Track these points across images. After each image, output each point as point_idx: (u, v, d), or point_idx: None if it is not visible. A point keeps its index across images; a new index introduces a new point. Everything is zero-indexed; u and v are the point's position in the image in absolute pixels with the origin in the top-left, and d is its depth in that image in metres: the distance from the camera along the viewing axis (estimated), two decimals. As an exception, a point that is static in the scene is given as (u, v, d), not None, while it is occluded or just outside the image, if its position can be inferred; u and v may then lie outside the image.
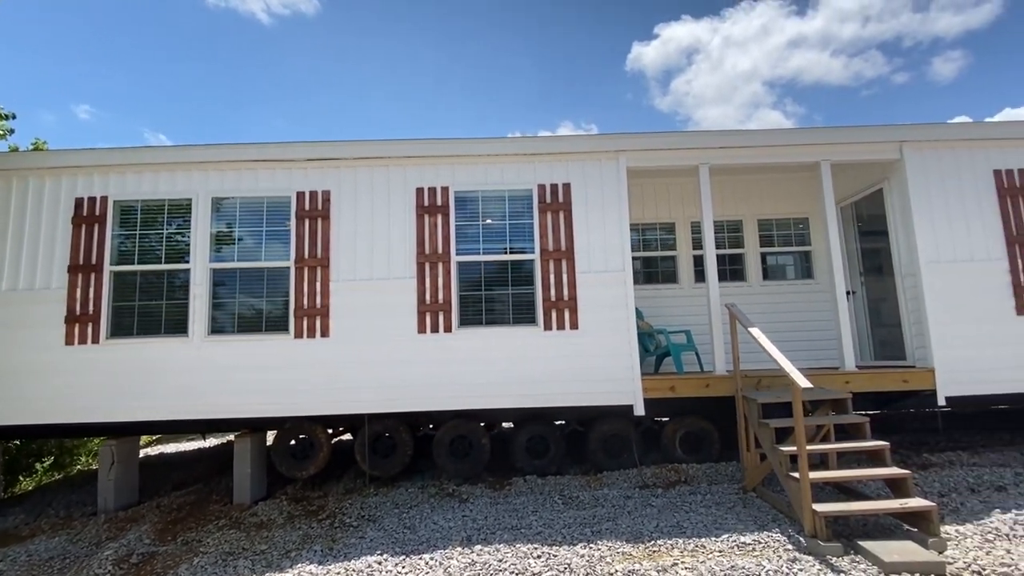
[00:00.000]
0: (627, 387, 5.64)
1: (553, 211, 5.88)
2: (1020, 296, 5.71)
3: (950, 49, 72.29)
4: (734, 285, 7.42)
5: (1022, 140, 5.93)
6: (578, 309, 5.72)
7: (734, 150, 5.96)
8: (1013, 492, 5.01)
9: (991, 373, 5.65)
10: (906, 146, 5.92)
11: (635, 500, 5.30)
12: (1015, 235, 5.79)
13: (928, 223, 5.81)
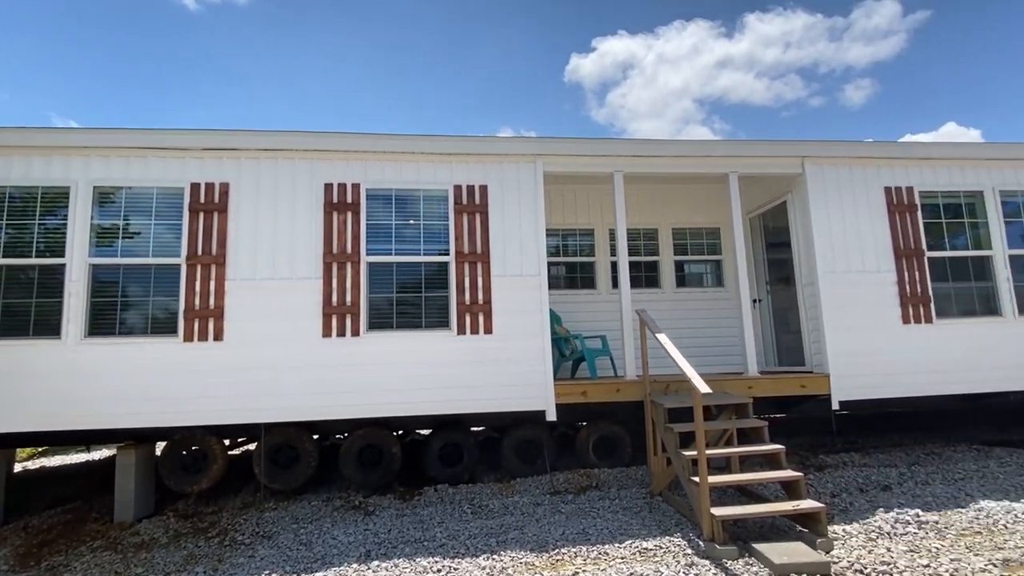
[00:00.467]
0: (540, 393, 5.57)
1: (469, 213, 5.74)
2: (906, 306, 6.10)
3: (860, 77, 78.41)
4: (649, 292, 7.55)
5: (909, 159, 6.36)
6: (493, 313, 5.60)
7: (647, 159, 6.05)
8: (897, 491, 5.29)
9: (880, 378, 5.99)
10: (807, 161, 6.22)
11: (545, 507, 5.23)
12: (903, 249, 6.19)
13: (826, 235, 6.11)
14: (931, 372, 6.10)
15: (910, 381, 6.07)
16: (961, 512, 4.68)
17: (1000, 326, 6.26)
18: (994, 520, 4.47)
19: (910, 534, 4.31)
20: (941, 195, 6.40)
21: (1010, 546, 4.00)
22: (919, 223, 6.25)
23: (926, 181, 6.37)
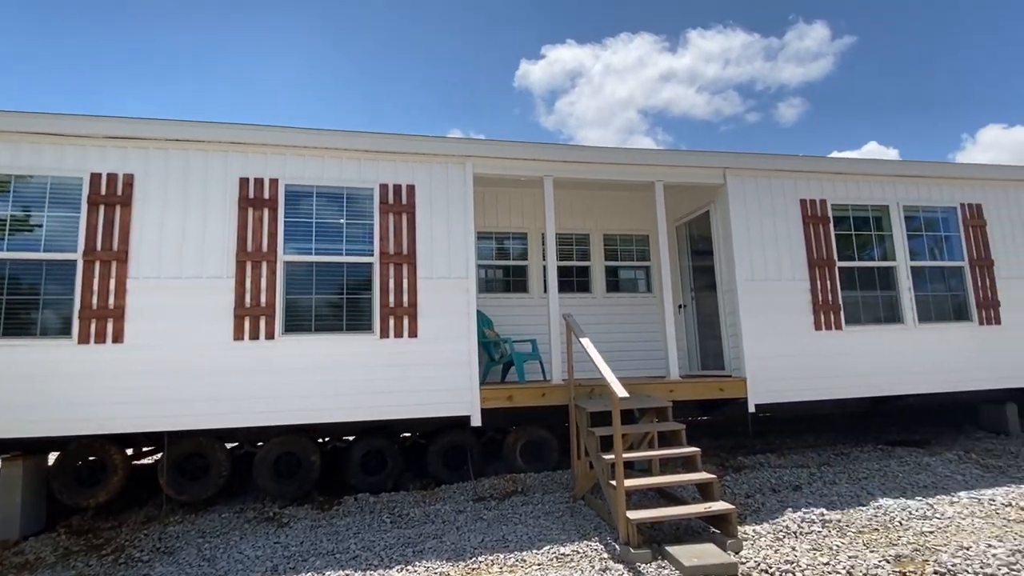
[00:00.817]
0: (465, 398, 5.48)
1: (396, 213, 5.60)
2: (818, 313, 6.40)
3: (792, 96, 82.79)
4: (580, 296, 7.62)
5: (822, 173, 6.68)
6: (418, 316, 5.48)
7: (577, 164, 6.09)
8: (807, 491, 5.51)
9: (794, 382, 6.25)
10: (728, 172, 6.43)
11: (467, 514, 5.14)
12: (816, 259, 6.49)
13: (745, 244, 6.33)
14: (840, 376, 6.42)
15: (821, 385, 6.36)
16: (862, 510, 4.91)
17: (902, 333, 6.66)
18: (891, 517, 4.71)
19: (814, 533, 4.48)
20: (851, 208, 6.76)
21: (903, 542, 4.22)
22: (831, 234, 6.58)
23: (838, 195, 6.71)
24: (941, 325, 6.76)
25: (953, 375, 6.78)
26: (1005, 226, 7.13)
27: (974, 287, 6.88)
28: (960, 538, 4.22)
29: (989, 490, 5.26)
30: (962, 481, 5.58)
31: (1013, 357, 6.94)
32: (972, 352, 6.82)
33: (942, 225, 7.03)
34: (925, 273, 6.86)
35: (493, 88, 73.34)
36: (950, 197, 7.03)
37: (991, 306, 6.89)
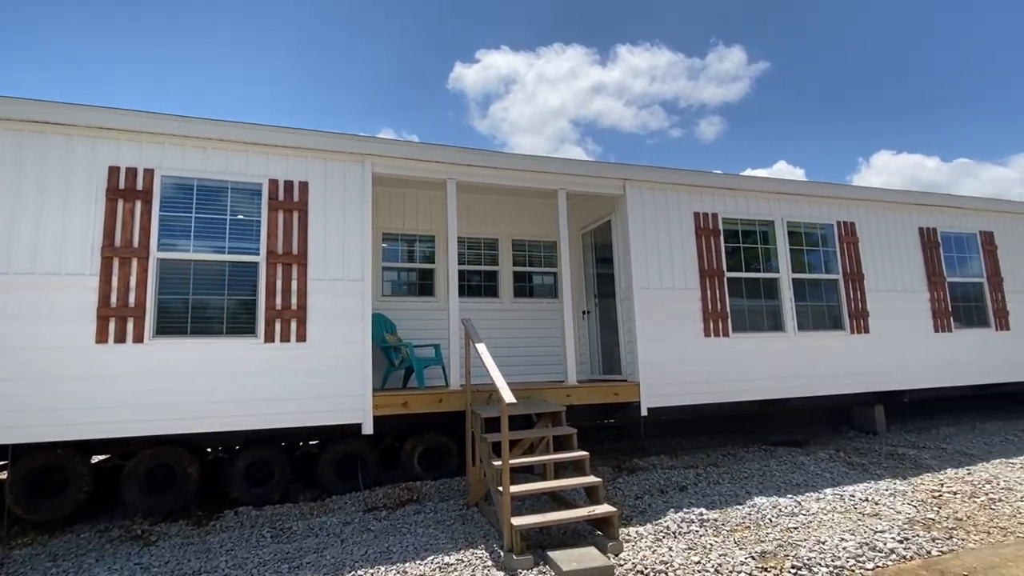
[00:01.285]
0: (357, 405, 5.29)
1: (286, 210, 5.34)
2: (707, 321, 6.72)
3: (712, 115, 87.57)
4: (488, 301, 7.61)
5: (715, 188, 7.04)
6: (307, 320, 5.24)
7: (480, 169, 6.07)
8: (692, 491, 5.74)
9: (684, 387, 6.51)
10: (628, 183, 6.63)
11: (354, 526, 4.96)
12: (707, 269, 6.81)
13: (642, 253, 6.55)
14: (728, 381, 6.76)
15: (710, 389, 6.67)
16: (738, 509, 5.16)
17: (784, 341, 7.11)
18: (762, 515, 4.98)
19: (692, 532, 4.66)
20: (740, 222, 7.16)
21: (770, 539, 4.47)
22: (721, 246, 6.93)
23: (728, 209, 7.09)
24: (818, 333, 7.28)
25: (829, 380, 7.32)
26: (874, 243, 7.80)
27: (847, 299, 7.47)
28: (820, 533, 4.53)
29: (851, 486, 5.70)
30: (830, 479, 6.01)
31: (880, 363, 7.59)
32: (845, 359, 7.40)
33: (821, 240, 7.59)
34: (805, 285, 7.37)
35: (426, 89, 72.47)
36: (828, 215, 7.61)
37: (861, 316, 7.51)
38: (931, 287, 8.05)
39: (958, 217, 8.55)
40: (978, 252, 8.59)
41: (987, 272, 8.56)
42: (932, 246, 8.20)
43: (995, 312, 8.48)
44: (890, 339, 7.62)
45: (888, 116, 63.67)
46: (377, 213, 7.24)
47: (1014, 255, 8.84)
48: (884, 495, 5.42)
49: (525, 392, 5.83)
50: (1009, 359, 8.48)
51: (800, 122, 62.40)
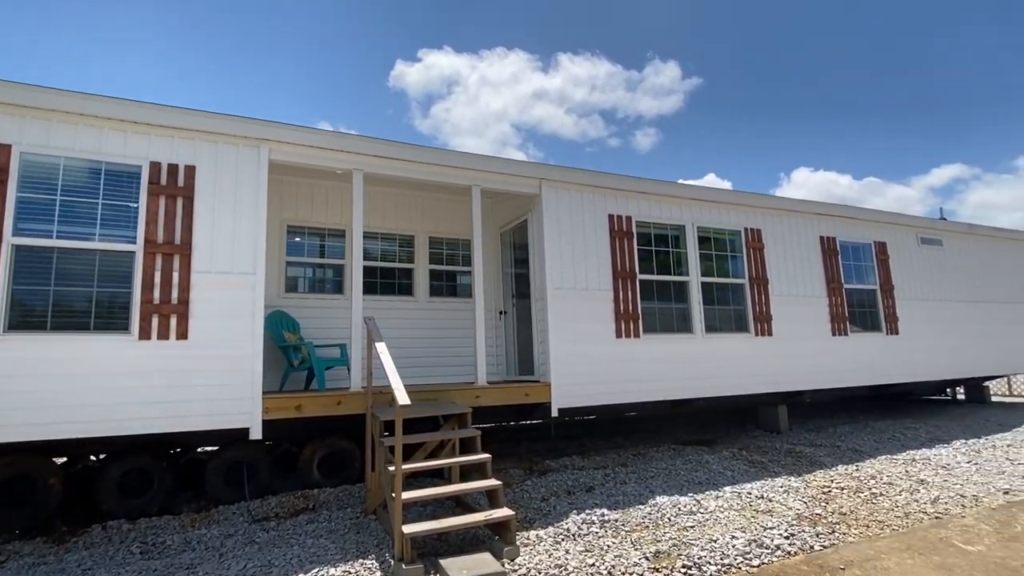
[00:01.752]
0: (244, 408, 4.92)
1: (170, 196, 4.90)
2: (619, 322, 6.76)
3: (648, 126, 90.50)
4: (402, 299, 7.36)
5: (629, 192, 7.11)
6: (190, 316, 4.82)
7: (390, 161, 5.83)
8: (598, 492, 5.72)
9: (596, 387, 6.52)
10: (544, 183, 6.58)
11: (237, 538, 4.60)
12: (619, 270, 6.86)
13: (556, 253, 6.51)
14: (639, 381, 6.83)
15: (621, 390, 6.72)
16: (640, 509, 5.18)
17: (692, 342, 7.27)
18: (662, 514, 5.01)
19: (592, 534, 4.61)
20: (653, 226, 7.27)
21: (666, 538, 4.48)
22: (634, 248, 7.01)
23: (642, 212, 7.18)
24: (724, 335, 7.51)
25: (735, 381, 7.55)
26: (779, 249, 8.14)
27: (752, 302, 7.75)
28: (714, 531, 4.59)
29: (749, 484, 5.86)
30: (731, 477, 6.17)
31: (782, 365, 7.91)
32: (750, 360, 7.66)
33: (729, 246, 7.84)
34: (713, 288, 7.58)
35: (367, 85, 70.85)
36: (736, 221, 7.87)
37: (766, 319, 7.81)
38: (830, 293, 8.49)
39: (855, 227, 9.08)
40: (872, 261, 9.16)
41: (880, 280, 9.13)
42: (832, 254, 8.66)
43: (886, 317, 9.06)
44: (792, 342, 7.97)
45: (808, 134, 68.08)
46: (282, 204, 6.87)
47: (904, 264, 9.49)
48: (779, 492, 5.60)
49: (432, 394, 5.64)
50: (898, 361, 9.07)
51: (729, 137, 65.70)
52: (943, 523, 4.69)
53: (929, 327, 9.49)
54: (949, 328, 9.76)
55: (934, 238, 10.00)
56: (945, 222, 10.51)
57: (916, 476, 6.08)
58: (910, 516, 4.86)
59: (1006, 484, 5.71)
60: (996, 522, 4.67)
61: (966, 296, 10.16)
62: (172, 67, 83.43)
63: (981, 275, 10.47)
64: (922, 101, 56.56)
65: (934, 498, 5.30)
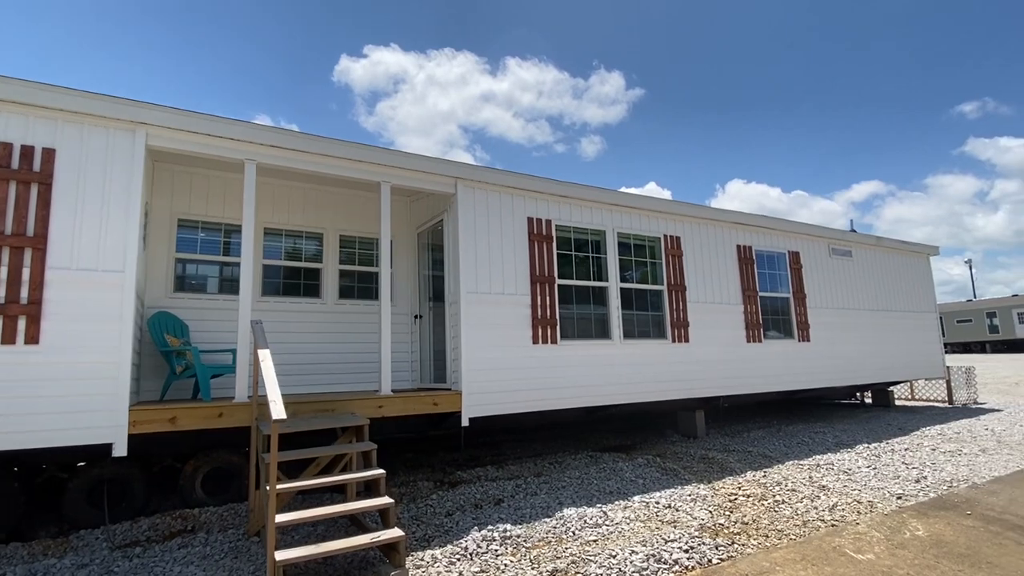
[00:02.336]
0: (106, 420, 4.39)
1: (22, 182, 4.32)
2: (536, 328, 6.59)
3: (593, 134, 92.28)
4: (308, 302, 6.90)
5: (550, 195, 6.97)
6: (43, 317, 4.26)
7: (287, 152, 5.41)
8: (507, 504, 5.50)
9: (511, 395, 6.31)
10: (460, 182, 6.33)
11: (92, 568, 4.08)
12: (538, 275, 6.70)
13: (472, 255, 6.27)
14: (556, 388, 6.68)
15: (539, 397, 6.54)
16: (546, 522, 4.99)
17: (610, 348, 7.20)
18: (567, 528, 4.85)
19: (491, 552, 4.38)
20: (573, 230, 7.16)
21: (566, 554, 4.31)
22: (554, 253, 6.87)
23: (563, 216, 7.06)
24: (642, 342, 7.49)
25: (653, 387, 7.54)
26: (697, 257, 8.23)
27: (670, 309, 7.78)
28: (616, 545, 4.45)
29: (659, 492, 5.80)
30: (642, 485, 6.10)
31: (699, 371, 7.98)
32: (667, 366, 7.68)
33: (649, 252, 7.84)
34: (632, 295, 7.55)
35: (310, 79, 68.61)
36: (657, 228, 7.89)
37: (683, 326, 7.86)
38: (746, 300, 8.67)
39: (771, 237, 9.33)
40: (786, 270, 9.44)
41: (793, 288, 9.42)
42: (748, 262, 8.85)
43: (798, 325, 9.35)
44: (708, 348, 8.06)
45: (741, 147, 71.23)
46: (174, 197, 6.30)
47: (816, 274, 9.84)
48: (686, 501, 5.56)
49: (329, 404, 5.27)
50: (810, 368, 9.38)
51: (669, 147, 67.94)
52: (838, 531, 4.75)
53: (838, 334, 9.89)
54: (857, 336, 10.20)
55: (844, 249, 10.44)
56: (855, 234, 11.02)
57: (819, 482, 6.20)
58: (808, 524, 4.90)
59: (900, 489, 5.90)
60: (887, 529, 4.77)
61: (873, 305, 10.67)
62: (98, 59, 77.98)
63: (886, 285, 11.04)
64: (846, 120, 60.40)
65: (832, 505, 5.40)
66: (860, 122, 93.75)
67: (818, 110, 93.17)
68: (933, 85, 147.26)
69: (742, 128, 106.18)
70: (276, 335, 6.49)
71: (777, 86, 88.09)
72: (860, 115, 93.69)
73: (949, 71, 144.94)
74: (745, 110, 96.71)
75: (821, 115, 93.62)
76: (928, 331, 11.70)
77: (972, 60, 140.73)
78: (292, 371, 6.46)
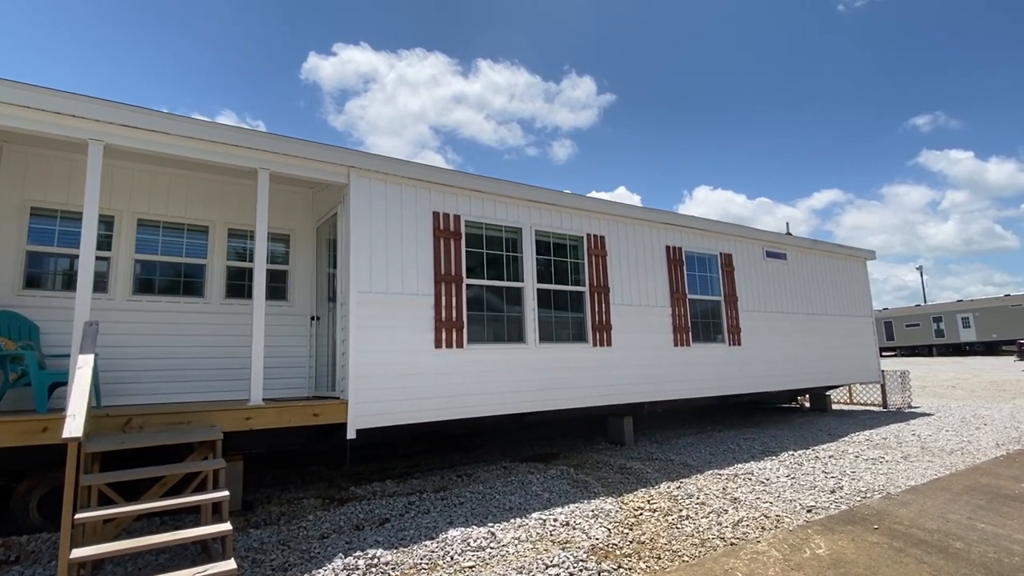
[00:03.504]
0: None
1: None
2: (440, 331, 6.13)
3: (565, 138, 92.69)
4: (188, 301, 6.27)
5: (459, 188, 6.52)
6: None
7: (143, 132, 4.81)
8: (391, 525, 5.01)
9: (408, 404, 5.83)
10: (354, 172, 5.83)
11: None
12: (443, 274, 6.24)
13: (366, 252, 5.77)
14: (462, 396, 6.22)
15: (443, 405, 6.08)
16: (426, 545, 4.53)
17: (525, 353, 6.79)
18: (446, 552, 4.39)
19: (349, 583, 3.90)
20: (486, 227, 6.72)
21: (435, 584, 3.86)
22: (462, 250, 6.41)
23: (474, 212, 6.62)
24: (561, 345, 7.10)
25: (572, 393, 7.15)
26: (622, 257, 7.90)
27: (592, 311, 7.42)
28: (491, 572, 4.02)
29: (561, 508, 5.39)
30: (547, 499, 5.69)
31: (622, 376, 7.64)
32: (588, 371, 7.30)
33: (571, 252, 7.46)
34: (551, 296, 7.16)
35: (278, 75, 66.86)
36: (579, 227, 7.52)
37: (605, 329, 7.50)
38: (674, 303, 8.38)
39: (703, 239, 9.08)
40: (718, 272, 9.20)
41: (725, 291, 9.19)
42: (677, 264, 8.57)
43: (729, 329, 9.12)
44: (632, 351, 7.73)
45: (708, 154, 72.50)
46: (26, 182, 5.62)
47: (749, 277, 9.64)
48: (587, 517, 5.17)
49: (185, 416, 4.69)
50: (742, 372, 9.15)
51: (639, 153, 68.54)
52: (736, 550, 4.42)
53: (772, 338, 9.71)
54: (792, 340, 10.05)
55: (779, 252, 10.30)
56: (791, 237, 10.91)
57: (732, 494, 5.90)
58: (706, 544, 4.56)
59: (812, 500, 5.63)
60: (787, 547, 4.46)
61: (808, 309, 10.55)
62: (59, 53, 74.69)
63: (823, 289, 10.95)
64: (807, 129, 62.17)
65: (738, 520, 5.08)
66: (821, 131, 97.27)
67: (779, 117, 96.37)
68: (889, 97, 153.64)
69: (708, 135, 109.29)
70: (147, 337, 5.87)
71: (741, 91, 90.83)
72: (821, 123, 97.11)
73: (905, 82, 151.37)
74: (712, 115, 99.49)
75: (782, 122, 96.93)
76: (864, 335, 11.68)
77: (928, 74, 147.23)
78: (165, 378, 5.85)
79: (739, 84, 63.98)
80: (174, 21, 58.11)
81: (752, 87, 67.64)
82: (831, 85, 62.13)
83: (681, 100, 68.41)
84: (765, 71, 63.03)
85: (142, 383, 5.76)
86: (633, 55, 59.52)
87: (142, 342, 5.82)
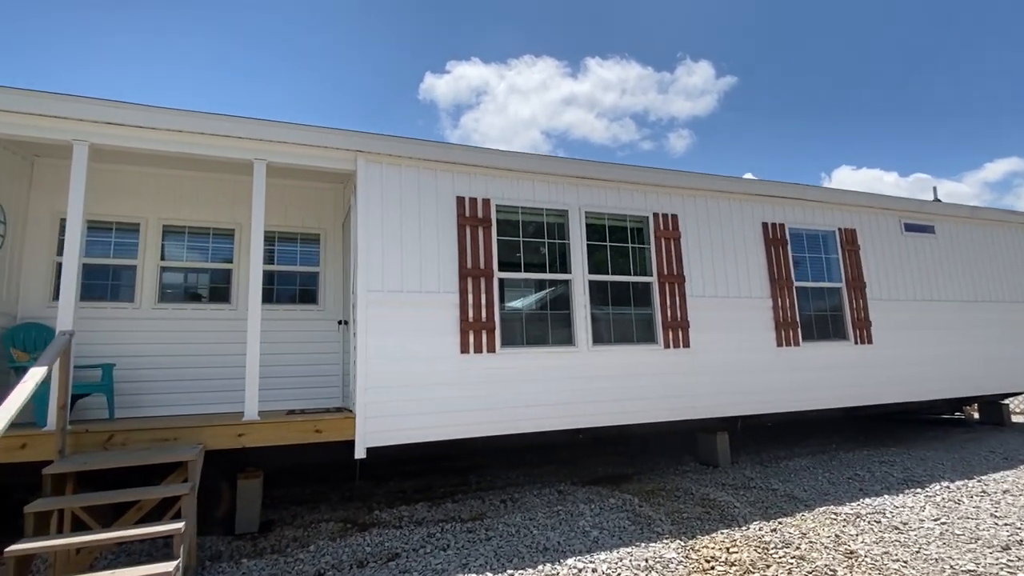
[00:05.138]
0: None
1: None
2: (465, 333, 5.28)
3: (682, 128, 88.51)
4: (214, 307, 6.02)
5: (482, 167, 5.63)
6: None
7: (125, 128, 4.51)
8: (399, 564, 4.25)
9: (429, 418, 5.07)
10: (361, 156, 5.18)
11: None
12: (471, 267, 5.40)
13: (378, 246, 5.09)
14: (496, 409, 5.35)
15: (471, 420, 5.25)
16: (421, 597, 3.70)
17: (575, 357, 5.73)
18: (439, 609, 3.53)
19: (308, 646, 3.18)
20: (522, 211, 5.77)
21: (407, 657, 3.01)
22: (492, 240, 5.53)
23: (507, 195, 5.70)
24: (621, 348, 5.94)
25: (638, 405, 5.97)
26: (701, 239, 6.52)
27: (662, 306, 6.15)
28: (481, 647, 3.09)
29: (605, 553, 4.30)
30: (593, 539, 4.61)
31: (705, 384, 6.30)
32: (660, 379, 6.07)
33: (632, 236, 6.25)
34: (608, 289, 6.02)
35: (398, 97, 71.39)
36: (643, 205, 6.30)
37: (680, 327, 6.20)
38: (775, 293, 6.80)
39: (813, 211, 7.35)
40: (837, 252, 7.41)
41: (847, 276, 7.37)
42: (778, 244, 6.96)
43: (855, 323, 7.29)
44: (717, 354, 6.33)
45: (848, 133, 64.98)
46: (55, 193, 5.65)
47: (881, 256, 7.70)
48: (637, 569, 4.03)
49: (172, 432, 4.29)
50: (872, 378, 7.28)
51: (766, 136, 63.21)
52: (837, 642, 3.07)
53: (915, 334, 7.67)
54: (943, 335, 7.90)
55: (923, 224, 8.16)
56: (939, 204, 8.63)
57: (848, 544, 4.40)
58: (792, 626, 3.25)
59: (972, 563, 3.99)
60: (921, 643, 3.03)
61: (967, 295, 8.27)
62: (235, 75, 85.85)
63: (989, 269, 8.55)
64: (969, 96, 53.25)
65: (848, 589, 3.66)
66: (989, 93, 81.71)
67: (940, 85, 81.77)
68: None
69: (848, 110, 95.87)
70: (171, 346, 5.68)
71: (883, 61, 78.25)
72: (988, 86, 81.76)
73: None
74: (848, 90, 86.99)
75: (936, 91, 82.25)
76: (1054, 327, 8.98)
77: None
78: (189, 388, 5.62)
79: (876, 45, 55.31)
80: (314, 75, 64.72)
81: (892, 50, 58.16)
82: (1000, 43, 51.67)
83: (811, 74, 61.05)
84: (908, 28, 53.85)
85: (168, 393, 5.58)
86: (752, 32, 54.56)
87: (166, 351, 5.65)
